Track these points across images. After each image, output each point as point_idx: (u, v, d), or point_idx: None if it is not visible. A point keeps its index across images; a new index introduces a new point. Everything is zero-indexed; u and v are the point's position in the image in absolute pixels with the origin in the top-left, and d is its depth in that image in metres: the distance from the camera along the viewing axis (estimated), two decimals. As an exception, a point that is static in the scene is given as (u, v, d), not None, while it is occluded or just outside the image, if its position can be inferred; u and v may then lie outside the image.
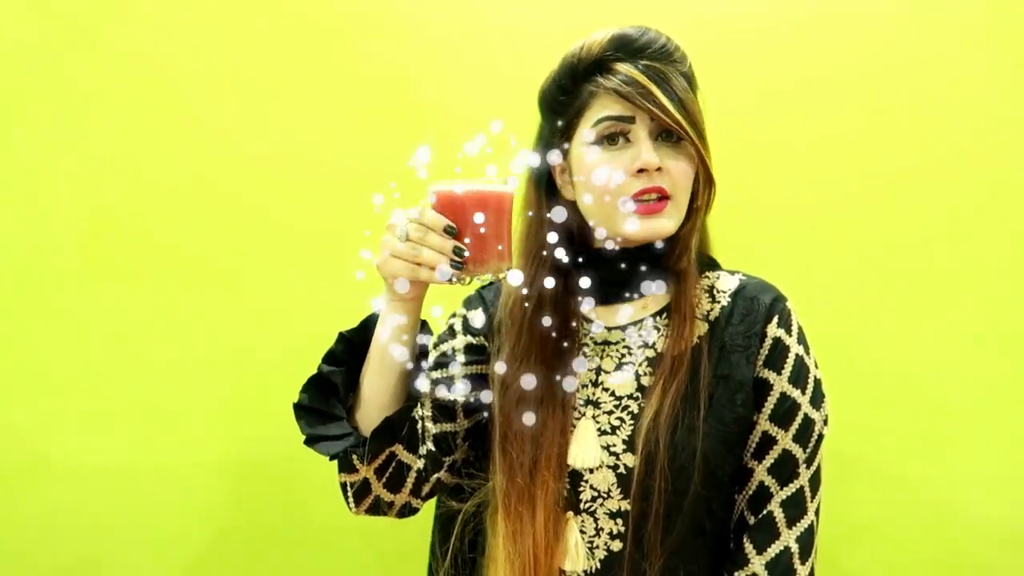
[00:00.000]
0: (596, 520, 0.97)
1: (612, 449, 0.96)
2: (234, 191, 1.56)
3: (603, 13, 1.47)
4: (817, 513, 0.98)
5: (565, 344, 1.00)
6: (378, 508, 1.04)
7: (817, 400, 0.99)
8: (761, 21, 1.45)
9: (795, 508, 0.96)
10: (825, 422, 1.00)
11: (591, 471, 0.97)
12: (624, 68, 0.96)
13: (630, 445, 0.95)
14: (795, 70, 1.45)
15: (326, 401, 1.00)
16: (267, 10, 1.55)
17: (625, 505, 0.95)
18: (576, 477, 0.97)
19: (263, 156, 1.55)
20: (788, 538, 0.95)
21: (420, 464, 1.03)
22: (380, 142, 1.52)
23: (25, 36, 1.56)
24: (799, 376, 0.98)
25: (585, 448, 0.97)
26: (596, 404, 0.99)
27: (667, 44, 0.98)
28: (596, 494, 0.96)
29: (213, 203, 1.56)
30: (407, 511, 1.06)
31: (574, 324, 1.02)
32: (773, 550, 0.95)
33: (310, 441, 0.99)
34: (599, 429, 0.97)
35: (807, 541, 0.96)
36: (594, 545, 0.97)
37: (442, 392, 1.03)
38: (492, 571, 0.99)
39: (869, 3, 1.44)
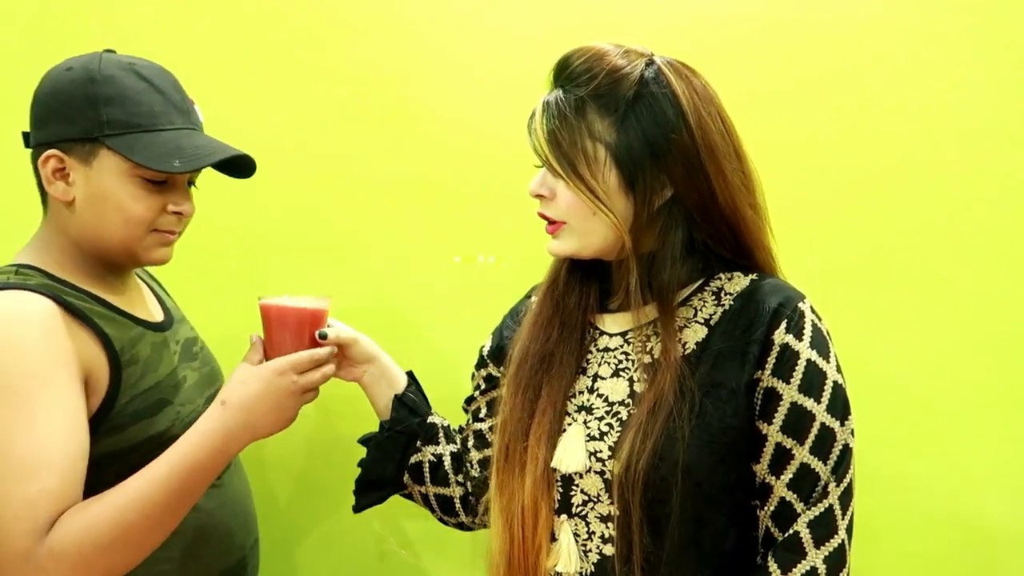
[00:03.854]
0: (588, 524, 0.97)
1: (599, 455, 0.96)
2: (230, 191, 1.56)
3: (601, 14, 1.47)
4: (848, 530, 0.93)
5: (571, 345, 1.03)
6: (457, 526, 1.23)
7: (836, 408, 0.93)
8: (761, 21, 1.44)
9: (823, 528, 0.91)
10: (852, 432, 0.94)
11: (581, 475, 0.97)
12: (543, 96, 0.98)
13: (615, 452, 0.94)
14: (795, 70, 1.44)
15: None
16: (262, 12, 1.54)
17: (614, 511, 0.94)
18: (568, 481, 0.98)
19: (257, 157, 1.55)
20: (815, 558, 0.91)
21: (460, 492, 1.17)
22: (373, 143, 1.52)
23: (25, 36, 1.57)
24: (812, 384, 0.92)
25: (570, 452, 0.97)
26: (589, 410, 0.99)
27: (576, 69, 0.95)
28: (587, 498, 0.96)
29: (211, 203, 1.56)
30: (480, 525, 1.20)
31: (584, 327, 1.04)
32: (798, 571, 0.91)
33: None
34: (588, 435, 0.97)
35: (836, 561, 0.91)
36: (587, 548, 0.97)
37: (474, 422, 1.16)
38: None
39: (869, 3, 1.43)
